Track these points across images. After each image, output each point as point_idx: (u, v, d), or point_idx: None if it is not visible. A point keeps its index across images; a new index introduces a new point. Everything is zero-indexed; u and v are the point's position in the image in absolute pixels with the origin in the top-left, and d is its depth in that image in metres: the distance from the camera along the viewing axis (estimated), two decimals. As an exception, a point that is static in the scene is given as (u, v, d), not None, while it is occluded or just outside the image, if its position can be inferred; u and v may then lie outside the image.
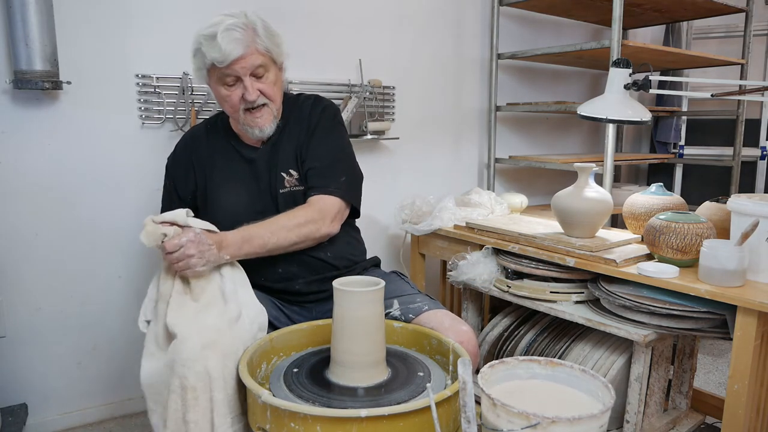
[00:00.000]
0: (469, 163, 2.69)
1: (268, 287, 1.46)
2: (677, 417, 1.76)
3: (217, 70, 1.32)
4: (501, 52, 2.53)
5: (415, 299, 1.43)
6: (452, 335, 1.30)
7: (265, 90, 1.37)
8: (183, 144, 1.54)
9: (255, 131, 1.40)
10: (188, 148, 1.52)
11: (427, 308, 1.39)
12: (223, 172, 1.46)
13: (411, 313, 1.38)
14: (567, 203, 1.67)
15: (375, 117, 2.30)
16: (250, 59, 1.32)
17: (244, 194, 1.44)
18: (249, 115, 1.38)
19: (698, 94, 1.63)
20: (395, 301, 1.42)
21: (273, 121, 1.42)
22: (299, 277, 1.46)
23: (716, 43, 3.19)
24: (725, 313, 1.38)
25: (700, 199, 1.92)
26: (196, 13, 1.93)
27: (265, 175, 1.44)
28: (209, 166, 1.48)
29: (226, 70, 1.32)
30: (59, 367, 1.88)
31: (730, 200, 1.49)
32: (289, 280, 1.46)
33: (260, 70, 1.35)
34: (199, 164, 1.48)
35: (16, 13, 1.58)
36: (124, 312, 1.96)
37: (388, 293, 1.34)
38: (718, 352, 2.52)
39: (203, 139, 1.52)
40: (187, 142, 1.54)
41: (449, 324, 1.34)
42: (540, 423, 0.90)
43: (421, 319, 1.37)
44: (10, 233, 1.75)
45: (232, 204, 1.43)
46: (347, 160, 1.49)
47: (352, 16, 2.24)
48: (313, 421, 0.98)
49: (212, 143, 1.50)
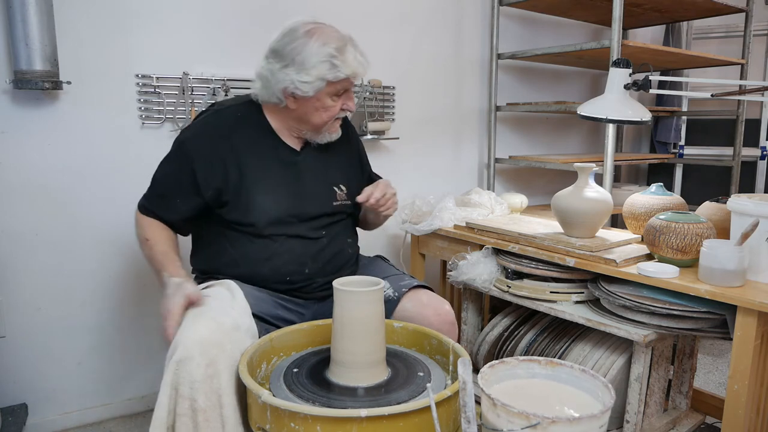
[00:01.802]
0: (469, 163, 2.69)
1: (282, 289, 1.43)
2: (677, 417, 1.76)
3: (342, 83, 1.35)
4: (501, 52, 2.53)
5: (403, 278, 1.52)
6: (431, 311, 1.42)
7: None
8: (214, 129, 1.39)
9: (333, 136, 1.45)
10: (221, 135, 1.38)
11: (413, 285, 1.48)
12: (258, 170, 1.39)
13: (403, 289, 1.47)
14: (567, 203, 1.67)
15: (375, 117, 2.30)
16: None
17: (284, 196, 1.41)
18: (335, 123, 1.43)
19: (698, 94, 1.63)
20: (388, 280, 1.47)
21: None
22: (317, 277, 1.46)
23: (716, 43, 3.19)
24: (725, 313, 1.38)
25: (700, 199, 1.92)
26: (197, 13, 1.93)
27: (309, 182, 1.45)
28: (244, 160, 1.38)
29: (346, 84, 1.36)
30: (59, 367, 1.88)
31: (730, 200, 1.49)
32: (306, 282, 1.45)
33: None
34: (233, 156, 1.37)
35: (16, 13, 1.58)
36: (124, 312, 1.96)
37: (380, 272, 1.50)
38: (718, 352, 2.52)
39: (236, 128, 1.40)
40: (220, 127, 1.39)
41: (427, 300, 1.45)
42: (540, 423, 0.90)
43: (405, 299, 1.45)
44: (10, 233, 1.75)
45: (270, 205, 1.38)
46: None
47: (351, 16, 2.24)
48: (313, 421, 0.98)
49: (246, 135, 1.40)
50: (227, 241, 1.41)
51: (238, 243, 1.40)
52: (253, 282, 1.40)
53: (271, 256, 1.39)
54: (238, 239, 1.40)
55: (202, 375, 1.11)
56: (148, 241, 1.38)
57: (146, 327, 2.00)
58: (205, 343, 1.13)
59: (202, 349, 1.12)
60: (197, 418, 1.12)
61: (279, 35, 1.35)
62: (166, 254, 1.34)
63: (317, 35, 1.31)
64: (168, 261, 1.32)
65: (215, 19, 1.97)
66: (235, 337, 1.18)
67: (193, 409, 1.12)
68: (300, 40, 1.31)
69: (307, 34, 1.31)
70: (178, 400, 1.12)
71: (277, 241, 1.40)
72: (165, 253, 1.34)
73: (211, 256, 1.45)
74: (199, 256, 1.50)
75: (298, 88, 1.31)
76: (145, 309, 1.99)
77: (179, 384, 1.11)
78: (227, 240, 1.41)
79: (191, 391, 1.11)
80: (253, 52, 2.07)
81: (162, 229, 1.41)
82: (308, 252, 1.43)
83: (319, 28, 1.34)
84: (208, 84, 1.95)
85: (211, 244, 1.45)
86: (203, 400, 1.12)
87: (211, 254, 1.45)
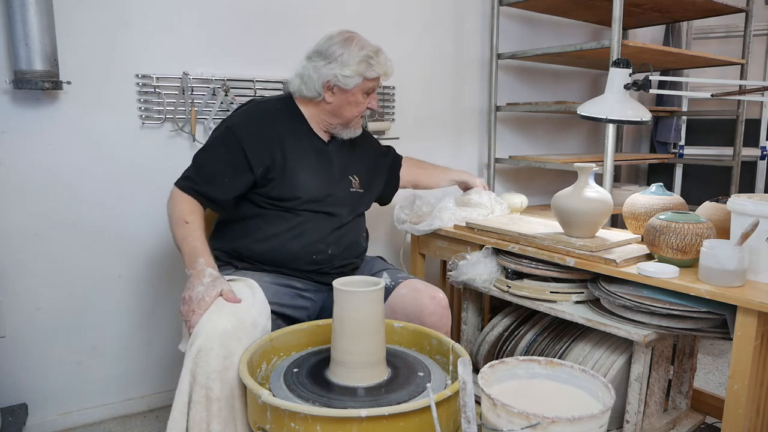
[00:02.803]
0: (469, 163, 2.69)
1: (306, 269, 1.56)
2: (677, 417, 1.76)
3: (371, 82, 1.56)
4: (501, 52, 2.53)
5: (400, 272, 1.69)
6: (426, 296, 1.53)
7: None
8: (259, 116, 1.57)
9: (356, 132, 1.65)
10: (266, 122, 1.56)
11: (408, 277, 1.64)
12: (298, 153, 1.57)
13: (400, 279, 1.62)
14: (567, 203, 1.67)
15: (375, 117, 2.30)
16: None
17: (320, 177, 1.59)
18: (359, 120, 1.64)
19: (698, 94, 1.63)
20: (384, 273, 1.66)
21: None
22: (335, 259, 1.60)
23: (716, 43, 3.19)
24: (725, 313, 1.38)
25: (700, 199, 1.92)
26: (197, 13, 1.93)
27: (336, 169, 1.64)
28: (288, 143, 1.56)
29: (375, 83, 1.58)
30: (59, 367, 1.88)
31: (730, 200, 1.49)
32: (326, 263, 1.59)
33: None
34: (279, 140, 1.55)
35: (16, 13, 1.58)
36: (124, 312, 1.96)
37: (377, 268, 1.68)
38: (718, 352, 2.52)
39: (277, 116, 1.59)
40: (265, 115, 1.58)
41: (422, 287, 1.57)
42: (540, 423, 0.90)
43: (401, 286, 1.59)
44: (10, 233, 1.75)
45: (310, 183, 1.56)
46: None
47: (351, 16, 2.24)
48: (313, 421, 0.98)
49: (286, 122, 1.59)
50: (261, 219, 1.54)
51: (274, 220, 1.54)
52: (280, 258, 1.53)
53: (303, 233, 1.54)
54: (273, 217, 1.54)
55: (219, 366, 1.19)
56: (188, 224, 1.44)
57: (146, 327, 2.01)
58: (225, 336, 1.20)
59: (222, 341, 1.20)
60: (211, 407, 1.19)
61: (321, 40, 1.57)
62: (204, 242, 1.42)
63: (356, 41, 1.54)
64: (205, 249, 1.40)
65: (215, 19, 1.97)
66: (252, 333, 1.26)
67: (208, 398, 1.19)
68: (342, 44, 1.53)
69: (348, 40, 1.54)
70: (195, 387, 1.19)
71: (309, 220, 1.55)
72: (203, 241, 1.42)
73: (239, 235, 1.56)
74: (225, 237, 1.59)
75: (340, 81, 1.52)
76: (146, 309, 1.99)
77: (197, 372, 1.18)
78: (261, 218, 1.54)
79: (207, 380, 1.18)
80: (253, 52, 2.09)
81: (200, 214, 1.48)
82: (333, 234, 1.59)
83: (356, 35, 1.57)
84: (208, 84, 1.95)
85: (242, 222, 1.56)
86: (218, 390, 1.18)
87: (240, 233, 1.56)
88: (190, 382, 1.19)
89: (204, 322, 1.23)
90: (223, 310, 1.25)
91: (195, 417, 1.18)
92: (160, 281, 2.00)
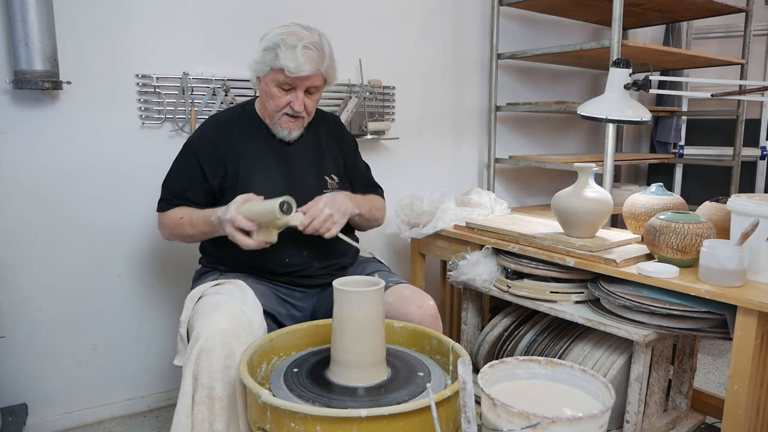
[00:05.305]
0: (469, 163, 2.69)
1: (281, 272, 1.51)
2: (677, 417, 1.76)
3: (281, 74, 1.42)
4: (501, 52, 2.53)
5: (391, 276, 1.61)
6: (413, 305, 1.42)
7: (309, 106, 1.50)
8: (213, 129, 1.56)
9: (284, 133, 1.53)
10: (221, 134, 1.54)
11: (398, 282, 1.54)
12: (255, 158, 1.52)
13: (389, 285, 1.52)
14: (567, 203, 1.67)
15: (375, 117, 2.30)
16: (312, 79, 1.45)
17: (278, 179, 1.52)
18: (285, 119, 1.50)
19: (698, 94, 1.63)
20: (376, 274, 1.57)
21: (300, 130, 1.55)
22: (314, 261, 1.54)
23: (716, 43, 3.19)
24: (725, 313, 1.38)
25: (700, 199, 1.92)
26: (196, 13, 1.93)
27: (302, 171, 1.56)
28: (242, 151, 1.52)
29: (289, 79, 1.42)
30: (59, 367, 1.88)
31: (730, 200, 1.49)
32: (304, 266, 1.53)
33: (314, 89, 1.49)
34: (231, 150, 1.52)
35: (16, 13, 1.58)
36: (124, 312, 1.96)
37: (370, 270, 1.61)
38: (718, 352, 2.52)
39: (233, 125, 1.56)
40: (220, 127, 1.56)
41: (409, 294, 1.47)
42: (540, 423, 0.90)
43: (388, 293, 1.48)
44: (10, 233, 1.75)
45: (265, 187, 1.48)
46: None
47: (351, 16, 2.24)
48: (313, 421, 0.98)
49: (243, 129, 1.55)
50: None
51: None
52: (255, 264, 1.49)
53: None
54: None
55: (221, 365, 1.20)
56: (182, 218, 1.47)
57: (146, 327, 2.01)
58: (225, 335, 1.22)
59: (223, 340, 1.21)
60: (214, 407, 1.20)
61: None
62: (204, 210, 1.45)
63: (285, 29, 1.43)
64: (208, 210, 1.43)
65: (215, 19, 1.97)
66: (249, 331, 1.27)
67: (211, 398, 1.20)
68: (271, 31, 1.44)
69: (282, 28, 1.43)
70: (197, 388, 1.20)
71: None
72: (202, 211, 1.45)
73: (218, 242, 1.52)
74: (206, 245, 1.60)
75: (252, 67, 1.46)
76: (146, 309, 1.99)
77: (199, 373, 1.19)
78: None
79: (210, 380, 1.19)
80: (253, 52, 2.08)
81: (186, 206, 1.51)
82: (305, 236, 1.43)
83: (295, 26, 1.44)
84: (208, 84, 1.95)
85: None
86: (221, 390, 1.20)
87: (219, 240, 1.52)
88: (193, 384, 1.20)
89: (202, 323, 1.24)
90: (220, 311, 1.27)
91: (198, 417, 1.20)
92: (160, 281, 2.00)
